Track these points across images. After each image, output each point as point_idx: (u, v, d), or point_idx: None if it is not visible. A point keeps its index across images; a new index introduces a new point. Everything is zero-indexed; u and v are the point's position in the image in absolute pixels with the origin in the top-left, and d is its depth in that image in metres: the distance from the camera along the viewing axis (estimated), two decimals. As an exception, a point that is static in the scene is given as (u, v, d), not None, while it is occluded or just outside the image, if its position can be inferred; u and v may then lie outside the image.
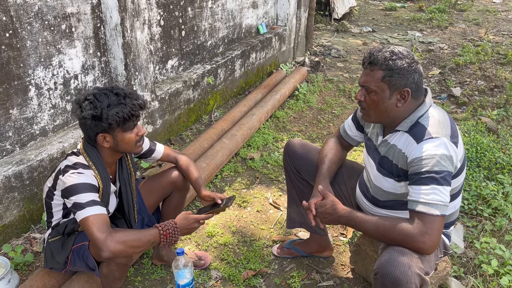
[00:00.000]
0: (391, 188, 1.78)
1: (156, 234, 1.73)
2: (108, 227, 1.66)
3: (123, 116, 1.69)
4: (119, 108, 1.69)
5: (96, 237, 1.62)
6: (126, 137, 1.76)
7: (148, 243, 1.71)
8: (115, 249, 1.62)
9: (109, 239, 1.61)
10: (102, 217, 1.67)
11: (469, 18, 8.57)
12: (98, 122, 1.69)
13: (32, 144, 2.60)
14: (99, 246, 1.61)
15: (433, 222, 1.54)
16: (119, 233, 1.65)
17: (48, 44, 2.55)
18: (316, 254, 2.41)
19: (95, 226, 1.62)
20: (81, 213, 1.66)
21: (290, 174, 2.24)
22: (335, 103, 4.62)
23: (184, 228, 1.81)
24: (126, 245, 1.65)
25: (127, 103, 1.71)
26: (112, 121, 1.67)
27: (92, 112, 1.67)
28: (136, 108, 1.74)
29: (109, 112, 1.67)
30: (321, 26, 7.91)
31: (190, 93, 3.79)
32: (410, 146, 1.65)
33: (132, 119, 1.74)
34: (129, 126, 1.74)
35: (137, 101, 1.75)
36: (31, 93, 2.52)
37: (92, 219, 1.64)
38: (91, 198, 1.69)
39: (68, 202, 1.72)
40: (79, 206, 1.66)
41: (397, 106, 1.69)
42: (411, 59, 1.65)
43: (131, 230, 1.73)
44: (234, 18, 4.57)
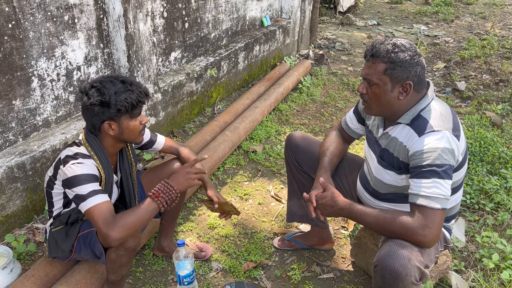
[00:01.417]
0: (392, 180, 1.77)
1: (149, 201, 1.73)
2: (110, 215, 1.68)
3: (131, 102, 1.71)
4: (127, 94, 1.71)
5: (100, 230, 1.66)
6: (132, 125, 1.77)
7: (148, 213, 1.71)
8: (121, 235, 1.65)
9: (112, 228, 1.64)
10: (104, 205, 1.69)
11: (475, 12, 8.49)
12: (106, 108, 1.70)
13: (35, 135, 2.61)
14: (105, 238, 1.66)
15: (434, 215, 1.54)
16: (120, 220, 1.67)
17: (51, 35, 2.55)
18: (316, 246, 2.41)
19: (100, 217, 1.66)
20: (84, 204, 1.68)
21: (291, 167, 2.23)
22: (338, 97, 4.60)
23: (179, 181, 1.79)
24: (129, 227, 1.67)
25: (134, 89, 1.73)
26: (121, 107, 1.69)
27: (101, 98, 1.68)
28: (143, 95, 1.76)
29: (117, 98, 1.69)
30: (326, 19, 7.86)
31: (193, 86, 3.78)
32: (411, 139, 1.65)
33: (139, 106, 1.76)
34: (136, 112, 1.76)
35: (142, 89, 1.77)
36: (34, 84, 2.53)
37: (95, 209, 1.66)
38: (92, 188, 1.70)
39: (70, 193, 1.74)
40: (81, 198, 1.69)
41: (399, 99, 1.68)
42: (413, 51, 1.64)
43: (129, 210, 1.73)
44: (238, 10, 4.55)
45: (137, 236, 1.77)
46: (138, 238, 1.77)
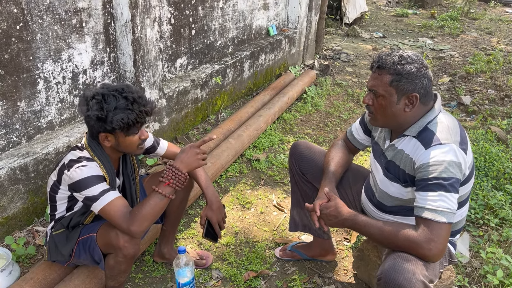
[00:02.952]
0: (398, 193, 1.75)
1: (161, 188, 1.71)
2: (127, 209, 1.71)
3: (127, 122, 1.68)
4: (125, 114, 1.68)
5: (120, 226, 1.69)
6: (128, 140, 1.76)
7: (162, 201, 1.71)
8: (143, 228, 1.69)
9: (132, 223, 1.67)
10: (119, 201, 1.71)
11: (481, 27, 8.51)
12: (102, 123, 1.68)
13: (39, 137, 2.60)
14: (126, 233, 1.69)
15: (440, 229, 1.51)
16: (137, 212, 1.69)
17: (58, 38, 2.56)
18: (318, 258, 2.38)
19: (116, 214, 1.69)
20: (97, 204, 1.70)
21: (295, 176, 2.22)
22: (343, 107, 4.59)
23: (187, 162, 1.76)
24: (148, 218, 1.70)
25: (134, 109, 1.70)
26: (116, 126, 1.67)
27: (98, 114, 1.66)
28: (143, 116, 1.73)
29: (114, 117, 1.66)
30: (332, 30, 7.89)
31: (198, 92, 3.78)
32: (418, 151, 1.63)
33: (137, 126, 1.73)
34: (132, 131, 1.74)
35: (144, 108, 1.74)
36: (40, 86, 2.53)
37: (110, 207, 1.69)
38: (101, 188, 1.71)
39: (78, 196, 1.74)
40: (93, 199, 1.70)
41: (405, 111, 1.67)
42: (420, 63, 1.63)
43: (142, 202, 1.73)
44: (244, 19, 4.56)
45: (136, 243, 1.75)
46: (137, 245, 1.75)
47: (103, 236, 1.77)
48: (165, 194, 1.71)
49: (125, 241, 1.71)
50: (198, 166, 1.79)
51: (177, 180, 1.73)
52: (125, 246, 1.71)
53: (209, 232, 2.02)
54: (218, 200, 2.01)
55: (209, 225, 2.01)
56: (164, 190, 1.71)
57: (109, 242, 1.74)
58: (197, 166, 1.79)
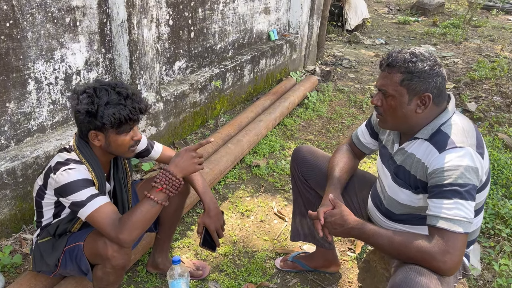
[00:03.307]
0: (408, 200, 1.63)
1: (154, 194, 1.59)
2: (116, 216, 1.58)
3: (119, 118, 1.57)
4: (116, 109, 1.57)
5: (109, 234, 1.56)
6: (119, 140, 1.64)
7: (154, 208, 1.59)
8: (133, 236, 1.56)
9: (121, 231, 1.54)
10: (107, 207, 1.59)
11: (484, 34, 8.43)
12: (92, 119, 1.57)
13: (29, 140, 2.49)
14: (115, 242, 1.56)
15: (456, 240, 1.39)
16: (127, 220, 1.56)
17: (50, 37, 2.45)
18: (321, 269, 2.26)
19: (105, 221, 1.56)
20: (84, 210, 1.57)
21: (297, 183, 2.10)
22: (345, 113, 4.48)
23: (182, 166, 1.63)
24: (139, 226, 1.57)
25: (127, 104, 1.59)
26: (106, 121, 1.56)
27: (88, 108, 1.55)
28: (136, 112, 1.61)
29: (105, 111, 1.55)
30: (333, 36, 7.81)
31: (197, 96, 3.67)
32: (431, 155, 1.51)
33: (129, 123, 1.62)
34: (124, 129, 1.62)
35: (138, 104, 1.63)
36: (30, 87, 2.42)
37: (98, 213, 1.56)
38: (89, 193, 1.59)
39: (65, 201, 1.62)
40: (79, 204, 1.58)
41: (417, 112, 1.55)
42: (433, 61, 1.52)
43: (133, 209, 1.60)
44: (245, 23, 4.47)
45: (126, 253, 1.62)
46: (127, 255, 1.63)
47: (91, 245, 1.65)
48: (158, 201, 1.59)
49: (114, 250, 1.59)
50: (194, 171, 1.67)
51: (171, 186, 1.61)
52: (114, 256, 1.59)
53: (207, 241, 1.90)
54: (216, 207, 1.89)
55: (206, 233, 1.89)
56: (156, 196, 1.59)
57: (96, 251, 1.62)
58: (193, 170, 1.67)
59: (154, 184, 1.60)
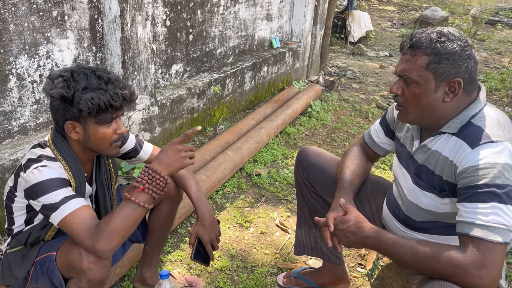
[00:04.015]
0: (432, 205, 1.41)
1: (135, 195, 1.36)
2: (94, 222, 1.35)
3: (98, 103, 1.35)
4: (96, 94, 1.36)
5: (84, 243, 1.33)
6: (100, 132, 1.42)
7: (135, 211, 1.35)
8: (112, 245, 1.33)
9: (97, 239, 1.31)
10: (84, 211, 1.36)
11: (491, 47, 8.28)
12: (68, 106, 1.36)
13: (9, 142, 2.28)
14: (91, 252, 1.34)
15: (493, 251, 1.17)
16: (105, 226, 1.33)
17: (35, 30, 2.27)
18: (329, 286, 2.02)
19: (80, 227, 1.33)
20: (56, 214, 1.35)
21: (302, 189, 1.88)
22: (351, 123, 4.28)
23: (167, 163, 1.40)
24: (119, 233, 1.34)
25: (108, 89, 1.38)
26: (83, 107, 1.34)
27: (63, 92, 1.35)
28: (118, 98, 1.40)
29: (82, 96, 1.35)
30: (337, 48, 7.66)
31: (195, 102, 3.48)
32: (461, 152, 1.29)
33: (110, 111, 1.40)
34: (104, 118, 1.40)
35: (121, 90, 1.42)
36: (11, 83, 2.22)
37: (72, 218, 1.34)
38: (63, 194, 1.36)
39: (35, 204, 1.39)
40: (52, 208, 1.35)
41: (445, 101, 1.34)
42: (464, 41, 1.31)
43: (111, 213, 1.37)
44: (246, 28, 4.30)
45: (105, 265, 1.39)
46: (105, 268, 1.39)
47: (64, 255, 1.42)
48: (139, 203, 1.35)
49: (90, 262, 1.36)
50: (182, 167, 1.42)
51: (155, 185, 1.37)
52: (90, 268, 1.36)
53: (200, 253, 1.67)
54: (211, 215, 1.66)
55: (199, 245, 1.66)
56: (137, 198, 1.36)
57: (70, 263, 1.39)
58: (180, 166, 1.42)
59: (135, 184, 1.38)
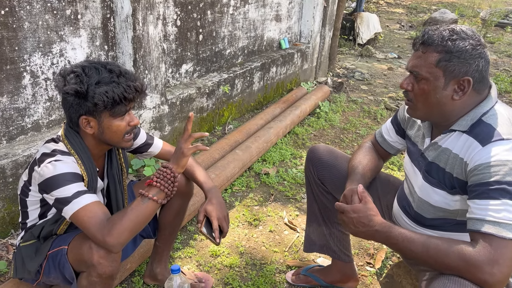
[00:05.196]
0: (442, 202, 1.41)
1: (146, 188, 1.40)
2: (105, 216, 1.37)
3: (112, 96, 1.38)
4: (109, 87, 1.38)
5: (95, 237, 1.35)
6: (114, 125, 1.44)
7: (146, 205, 1.39)
8: (122, 240, 1.36)
9: (108, 233, 1.33)
10: (95, 206, 1.38)
11: (500, 50, 8.24)
12: (82, 101, 1.39)
13: (22, 138, 2.31)
14: (102, 246, 1.36)
15: (505, 248, 1.17)
16: (117, 221, 1.36)
17: (49, 28, 2.30)
18: (338, 284, 2.02)
19: (91, 221, 1.35)
20: (68, 208, 1.37)
21: (313, 186, 1.89)
22: (359, 124, 4.28)
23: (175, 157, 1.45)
24: (130, 228, 1.36)
25: (120, 82, 1.41)
26: (98, 101, 1.37)
27: (77, 88, 1.37)
28: (131, 90, 1.43)
29: (96, 90, 1.37)
30: (345, 50, 7.66)
31: (204, 101, 3.50)
32: (471, 149, 1.30)
33: (124, 103, 1.43)
34: (119, 111, 1.43)
35: (133, 82, 1.44)
36: (25, 81, 2.26)
37: (84, 212, 1.36)
38: (76, 188, 1.38)
39: (49, 198, 1.41)
40: (64, 202, 1.37)
41: (453, 99, 1.34)
42: (476, 40, 1.32)
43: (122, 210, 1.41)
44: (255, 29, 4.32)
45: (115, 259, 1.41)
46: (115, 262, 1.41)
47: (75, 249, 1.44)
48: (148, 195, 1.39)
49: (101, 256, 1.37)
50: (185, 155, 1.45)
51: (162, 178, 1.41)
52: (100, 262, 1.37)
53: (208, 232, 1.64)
54: (219, 196, 1.67)
55: (208, 224, 1.62)
56: (148, 191, 1.39)
57: (81, 257, 1.41)
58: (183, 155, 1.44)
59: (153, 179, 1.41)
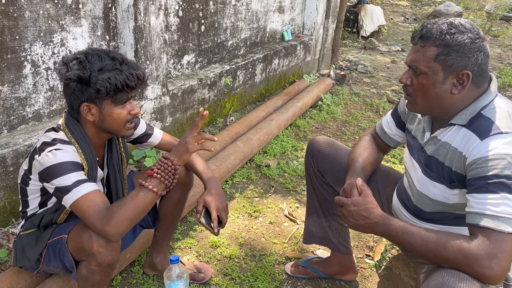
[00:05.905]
0: (441, 196, 1.41)
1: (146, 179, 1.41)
2: (104, 206, 1.38)
3: (115, 83, 1.38)
4: (112, 74, 1.39)
5: (94, 225, 1.37)
6: (115, 113, 1.44)
7: (146, 195, 1.40)
8: (121, 229, 1.37)
9: (107, 222, 1.35)
10: (95, 195, 1.39)
11: (505, 43, 8.19)
12: (85, 87, 1.39)
13: (23, 127, 2.32)
14: (101, 235, 1.38)
15: (504, 241, 1.17)
16: (116, 210, 1.37)
17: (50, 18, 2.29)
18: (337, 276, 2.03)
19: (91, 210, 1.36)
20: (68, 197, 1.38)
21: (312, 178, 1.89)
22: (361, 116, 4.26)
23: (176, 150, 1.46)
24: (129, 217, 1.37)
25: (123, 69, 1.41)
26: (100, 87, 1.37)
27: (79, 73, 1.37)
28: (133, 78, 1.43)
29: (99, 76, 1.37)
30: (348, 42, 7.62)
31: (206, 93, 3.49)
32: (470, 143, 1.29)
33: (126, 90, 1.43)
34: (121, 98, 1.43)
35: (135, 71, 1.45)
36: (26, 70, 2.25)
37: (83, 201, 1.37)
38: (76, 178, 1.39)
39: (49, 187, 1.42)
40: (64, 190, 1.38)
41: (452, 93, 1.34)
42: (475, 33, 1.30)
43: (122, 199, 1.41)
44: (258, 20, 4.30)
45: (114, 248, 1.42)
46: (115, 251, 1.42)
47: (75, 238, 1.45)
48: (148, 186, 1.39)
49: (100, 245, 1.38)
50: (189, 151, 1.44)
51: (163, 169, 1.41)
52: (100, 251, 1.38)
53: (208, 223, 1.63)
54: (218, 186, 1.66)
55: (207, 214, 1.61)
56: (148, 182, 1.40)
57: (81, 246, 1.42)
58: (187, 151, 1.44)
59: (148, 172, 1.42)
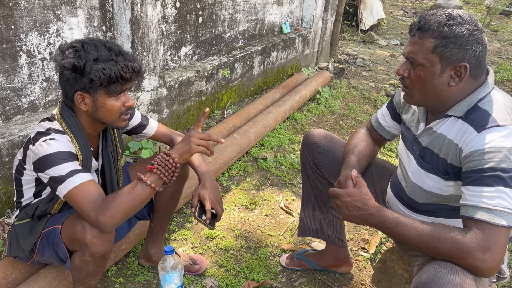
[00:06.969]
0: (435, 187, 1.41)
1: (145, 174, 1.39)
2: (99, 196, 1.38)
3: (109, 74, 1.37)
4: (107, 64, 1.37)
5: (88, 215, 1.36)
6: (109, 104, 1.43)
7: (143, 190, 1.38)
8: (115, 220, 1.36)
9: (102, 213, 1.34)
10: (90, 185, 1.38)
11: (504, 38, 8.17)
12: (79, 76, 1.38)
13: (19, 118, 2.30)
14: (95, 226, 1.37)
15: (497, 234, 1.17)
16: (111, 201, 1.36)
17: (46, 7, 2.27)
18: (331, 268, 2.03)
19: (85, 200, 1.35)
20: (62, 187, 1.37)
21: (308, 171, 1.88)
22: (359, 110, 4.26)
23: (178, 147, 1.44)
24: (124, 209, 1.36)
25: (119, 61, 1.40)
26: (94, 77, 1.36)
27: (74, 62, 1.36)
28: (128, 70, 1.41)
29: (93, 66, 1.36)
30: (347, 36, 7.60)
31: (203, 85, 3.48)
32: (466, 135, 1.29)
33: (121, 82, 1.42)
34: (114, 89, 1.41)
35: (131, 63, 1.43)
36: (22, 60, 2.24)
37: (78, 191, 1.36)
38: (70, 167, 1.38)
39: (43, 177, 1.41)
40: (58, 180, 1.37)
41: (450, 85, 1.33)
42: (473, 25, 1.30)
43: (119, 191, 1.40)
44: (256, 13, 4.28)
45: (108, 239, 1.41)
46: (108, 242, 1.42)
47: (69, 228, 1.44)
48: (147, 181, 1.37)
49: (93, 236, 1.38)
50: (192, 152, 1.44)
51: (163, 166, 1.40)
52: (93, 242, 1.38)
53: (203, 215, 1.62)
54: (213, 179, 1.64)
55: (202, 208, 1.59)
56: (146, 177, 1.39)
57: (74, 236, 1.41)
58: (191, 151, 1.43)
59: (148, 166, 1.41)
